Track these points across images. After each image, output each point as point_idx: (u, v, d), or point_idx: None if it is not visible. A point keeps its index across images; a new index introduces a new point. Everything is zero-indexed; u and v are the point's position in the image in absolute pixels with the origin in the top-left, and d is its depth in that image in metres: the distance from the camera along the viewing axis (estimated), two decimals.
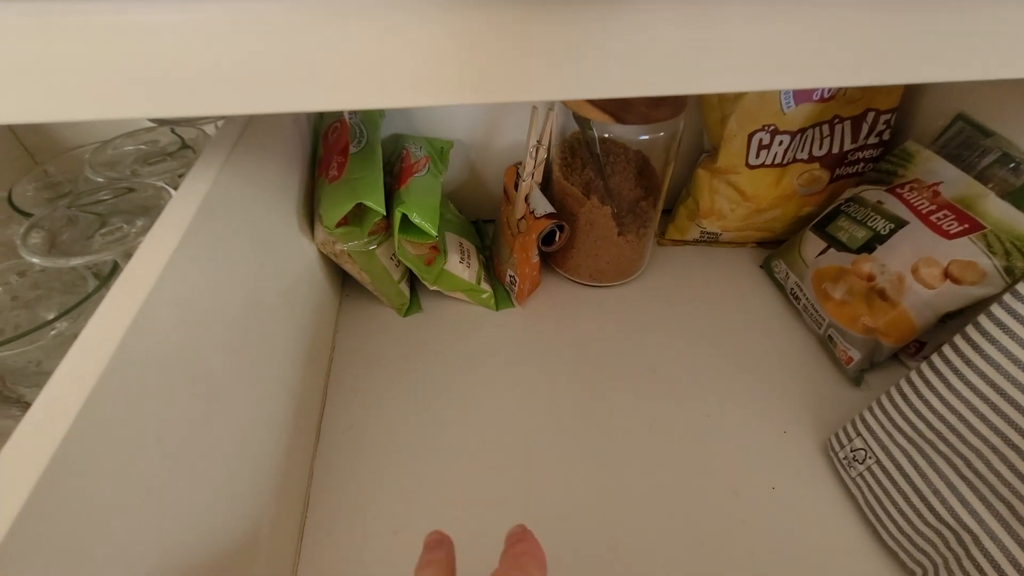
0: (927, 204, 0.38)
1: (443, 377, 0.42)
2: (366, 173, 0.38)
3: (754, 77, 0.20)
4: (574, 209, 0.45)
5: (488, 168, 0.53)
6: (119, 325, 0.19)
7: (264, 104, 0.19)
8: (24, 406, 0.29)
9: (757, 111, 0.43)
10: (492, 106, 0.48)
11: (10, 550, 0.14)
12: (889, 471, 0.31)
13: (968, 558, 0.27)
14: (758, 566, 0.31)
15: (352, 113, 0.42)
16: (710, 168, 0.48)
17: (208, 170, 0.27)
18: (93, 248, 0.28)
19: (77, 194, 0.31)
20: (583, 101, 0.38)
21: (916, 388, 0.30)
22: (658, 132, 0.40)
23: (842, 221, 0.43)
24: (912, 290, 0.36)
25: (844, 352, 0.40)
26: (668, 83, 0.19)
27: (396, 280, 0.44)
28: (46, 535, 0.15)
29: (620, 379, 0.42)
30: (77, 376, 0.17)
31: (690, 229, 0.52)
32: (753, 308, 0.48)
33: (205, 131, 0.38)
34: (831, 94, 0.43)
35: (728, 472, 0.36)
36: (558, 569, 0.31)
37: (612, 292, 0.49)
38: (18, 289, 0.30)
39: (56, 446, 0.15)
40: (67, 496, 0.16)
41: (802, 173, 0.46)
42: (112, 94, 0.18)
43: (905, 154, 0.42)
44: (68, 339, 0.27)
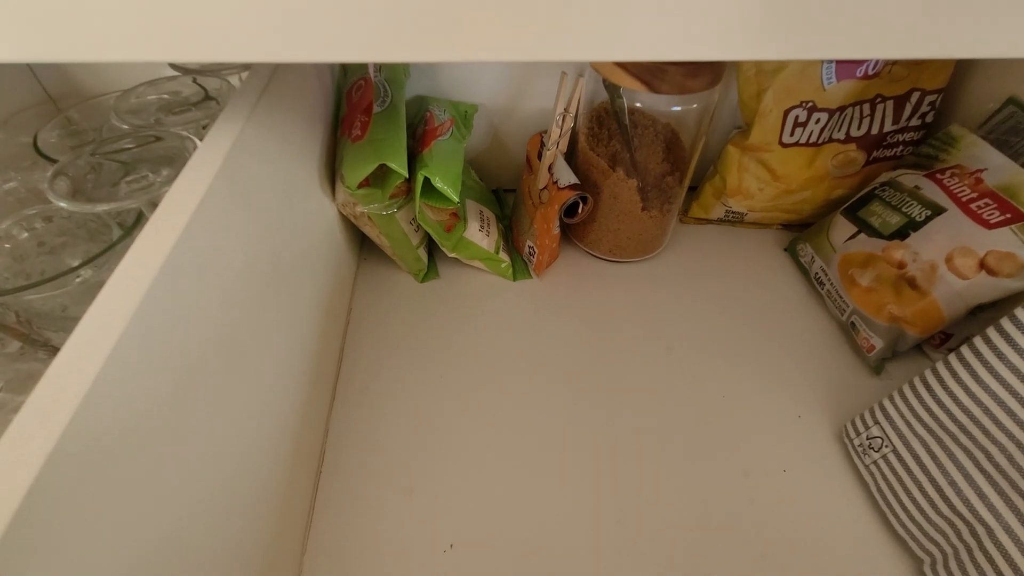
0: (968, 191, 0.37)
1: (457, 344, 0.42)
2: (390, 134, 0.37)
3: (804, 43, 0.19)
4: (598, 181, 0.44)
5: (511, 135, 0.52)
6: (147, 273, 0.19)
7: (292, 52, 0.18)
8: (51, 350, 0.29)
9: (796, 86, 0.42)
10: (519, 70, 0.47)
11: (47, 483, 0.14)
12: (905, 460, 0.31)
13: (980, 550, 0.27)
14: (764, 545, 0.32)
15: (377, 70, 0.41)
16: (741, 145, 0.46)
17: (234, 122, 0.26)
18: (118, 195, 0.28)
19: (101, 141, 0.31)
20: (615, 66, 0.37)
21: (941, 379, 0.29)
22: (691, 104, 0.39)
23: (875, 206, 0.42)
24: (944, 280, 0.35)
25: (866, 340, 0.40)
26: (709, 47, 0.18)
27: (415, 245, 0.44)
28: (78, 471, 0.15)
29: (635, 355, 0.42)
30: (106, 322, 0.17)
31: (715, 208, 0.51)
32: (775, 291, 0.47)
33: (229, 81, 0.37)
34: (876, 70, 0.41)
35: (740, 453, 0.36)
36: (564, 535, 0.32)
37: (631, 268, 0.49)
38: (44, 235, 0.30)
39: (88, 387, 0.15)
40: (98, 435, 0.16)
41: (837, 154, 0.45)
42: (138, 35, 0.18)
43: (949, 138, 0.40)
44: (92, 286, 0.28)
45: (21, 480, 0.14)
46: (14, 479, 0.14)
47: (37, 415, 0.15)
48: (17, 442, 0.14)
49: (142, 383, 0.18)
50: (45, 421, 0.15)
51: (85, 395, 0.15)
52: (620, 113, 0.40)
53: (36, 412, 0.15)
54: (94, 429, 0.16)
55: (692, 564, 0.31)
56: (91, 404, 0.15)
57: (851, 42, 0.19)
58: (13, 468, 0.14)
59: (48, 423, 0.15)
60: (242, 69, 0.39)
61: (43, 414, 0.15)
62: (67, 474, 0.15)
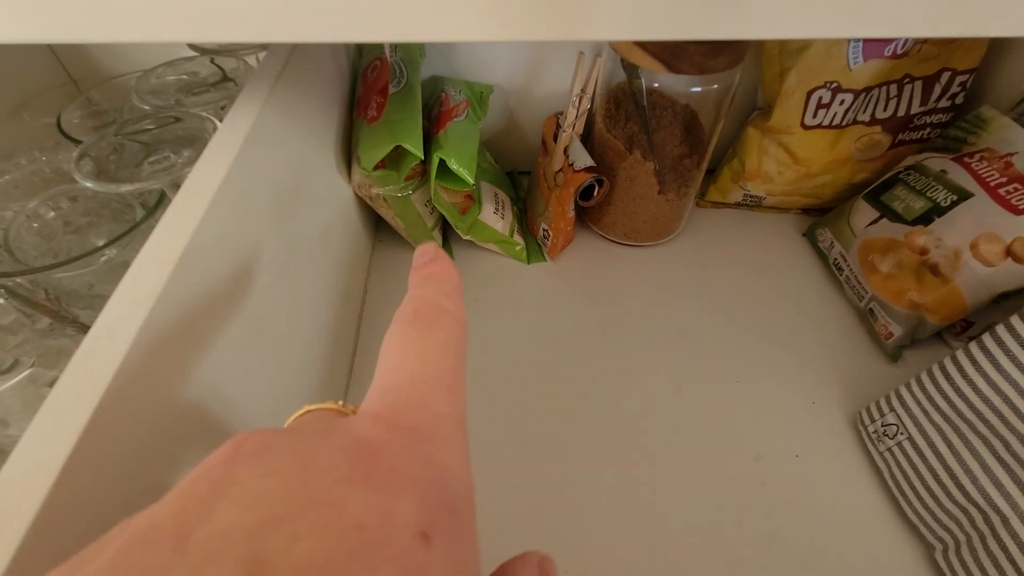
0: (997, 176, 0.36)
1: (471, 326, 0.42)
2: (405, 115, 0.37)
3: (832, 21, 0.18)
4: (614, 163, 0.43)
5: (526, 117, 0.51)
6: (172, 254, 0.19)
7: (309, 32, 0.18)
8: (79, 327, 0.30)
9: (820, 66, 0.40)
10: (535, 50, 0.46)
11: (77, 460, 0.14)
12: (920, 448, 0.31)
13: (994, 538, 0.27)
14: (775, 529, 0.32)
15: (393, 51, 0.40)
16: (761, 127, 0.45)
17: (252, 103, 0.26)
18: (141, 176, 0.28)
19: (123, 122, 0.32)
20: (633, 46, 0.36)
21: (961, 367, 0.29)
22: (711, 84, 0.38)
23: (899, 190, 0.41)
24: (968, 266, 0.35)
25: (884, 327, 0.39)
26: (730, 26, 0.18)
27: (430, 227, 0.44)
28: (108, 455, 0.16)
29: (649, 339, 0.42)
30: (135, 300, 0.18)
31: (733, 191, 0.50)
32: (792, 277, 0.46)
33: (247, 61, 0.37)
34: (905, 49, 0.39)
35: (752, 437, 0.36)
36: (576, 517, 0.33)
37: (647, 252, 0.48)
38: (70, 214, 0.31)
39: (118, 365, 0.16)
40: (129, 408, 0.16)
41: (861, 136, 0.43)
42: (158, 16, 0.18)
43: (979, 120, 0.39)
44: (117, 265, 0.28)
45: (60, 450, 0.14)
46: (54, 448, 0.14)
47: (71, 391, 0.16)
48: (55, 414, 0.15)
49: (168, 360, 0.19)
50: (81, 394, 0.15)
51: (115, 372, 0.16)
52: (638, 94, 0.39)
53: (70, 387, 0.16)
54: (125, 404, 0.16)
55: (702, 546, 0.31)
56: (121, 380, 0.16)
57: (880, 19, 0.18)
58: (51, 439, 0.14)
59: (81, 398, 0.15)
60: (259, 49, 0.39)
61: (76, 390, 0.15)
62: (97, 448, 0.15)
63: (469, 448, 0.13)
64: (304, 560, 0.08)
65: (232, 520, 0.09)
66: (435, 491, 0.11)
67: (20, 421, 0.27)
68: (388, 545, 0.09)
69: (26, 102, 0.41)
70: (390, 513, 0.10)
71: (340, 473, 0.10)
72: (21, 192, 0.33)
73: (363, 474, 0.10)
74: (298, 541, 0.09)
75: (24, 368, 0.28)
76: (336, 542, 0.09)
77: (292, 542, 0.09)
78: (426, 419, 0.12)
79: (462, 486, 0.12)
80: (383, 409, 0.12)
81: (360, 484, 0.10)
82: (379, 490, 0.10)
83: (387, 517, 0.10)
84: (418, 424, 0.12)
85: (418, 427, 0.12)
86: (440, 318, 0.15)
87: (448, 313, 0.15)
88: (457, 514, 0.11)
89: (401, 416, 0.12)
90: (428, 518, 0.10)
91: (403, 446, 0.11)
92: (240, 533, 0.09)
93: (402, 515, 0.10)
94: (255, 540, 0.09)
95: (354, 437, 0.11)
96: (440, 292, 0.15)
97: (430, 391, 0.13)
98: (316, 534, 0.09)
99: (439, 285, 0.16)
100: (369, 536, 0.09)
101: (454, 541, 0.10)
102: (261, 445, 0.11)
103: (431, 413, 0.13)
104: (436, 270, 0.16)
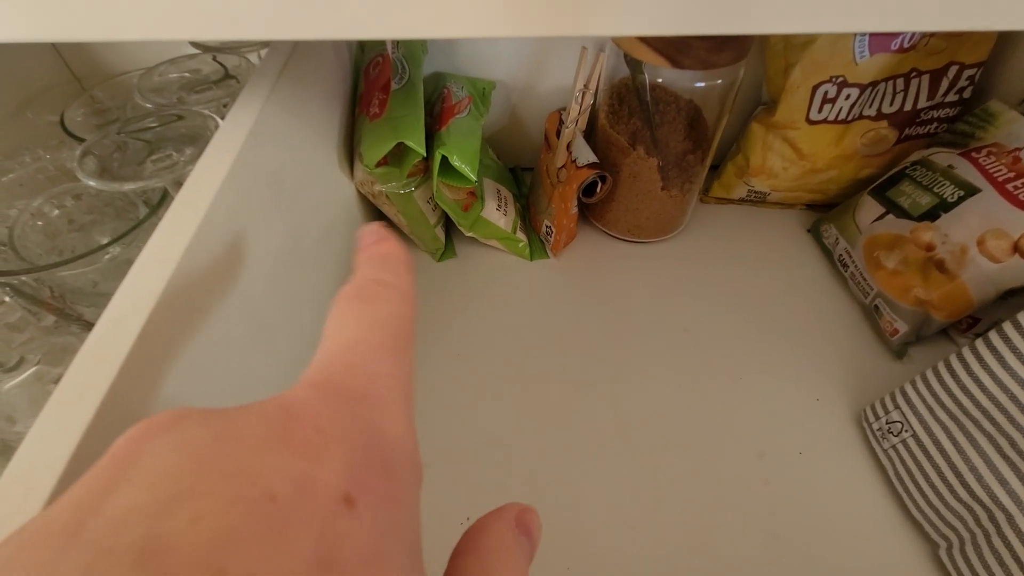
0: (1005, 171, 0.35)
1: (474, 322, 0.42)
2: (407, 112, 0.37)
3: (836, 15, 0.18)
4: (617, 160, 0.43)
5: (529, 112, 0.51)
6: (174, 252, 0.19)
7: (311, 29, 0.18)
8: (84, 324, 0.30)
9: (826, 60, 0.40)
10: (538, 46, 0.46)
11: (81, 457, 0.15)
12: (925, 445, 0.31)
13: (999, 535, 0.27)
14: (777, 526, 0.32)
15: (395, 47, 0.40)
16: (766, 122, 0.45)
17: (254, 100, 0.26)
18: (144, 175, 0.28)
19: (125, 120, 0.32)
20: (637, 41, 0.36)
21: (967, 364, 0.29)
22: (715, 80, 0.38)
23: (905, 186, 0.40)
24: (975, 263, 0.34)
25: (890, 324, 0.39)
26: (735, 21, 0.18)
27: (432, 224, 0.44)
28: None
29: (652, 336, 0.42)
30: (137, 298, 0.18)
31: (737, 187, 0.50)
32: (796, 273, 0.46)
33: (249, 59, 0.37)
34: (912, 43, 0.39)
35: (755, 434, 0.36)
36: (579, 512, 0.33)
37: (650, 248, 0.48)
38: (74, 212, 0.31)
39: (121, 362, 0.16)
40: (133, 405, 0.17)
41: (867, 131, 0.43)
42: (160, 14, 0.18)
43: (987, 115, 0.39)
44: (121, 263, 0.29)
45: (64, 447, 0.14)
46: (59, 445, 0.14)
47: (75, 388, 0.16)
48: (59, 410, 0.15)
49: (170, 357, 0.19)
50: (82, 393, 0.15)
51: (119, 369, 0.16)
52: (641, 89, 0.39)
53: (74, 385, 0.16)
54: (127, 401, 0.16)
55: (705, 543, 0.31)
56: (125, 377, 0.16)
57: (887, 13, 0.18)
58: (56, 435, 0.15)
59: (86, 397, 0.15)
60: (261, 46, 0.39)
61: (81, 386, 0.16)
62: (105, 443, 0.15)
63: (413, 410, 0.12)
64: (206, 539, 0.08)
65: (130, 502, 0.08)
66: (365, 451, 0.10)
67: (26, 418, 0.27)
68: (303, 513, 0.09)
69: (30, 100, 0.41)
70: (308, 478, 0.09)
71: (255, 440, 0.09)
72: (26, 190, 0.34)
73: (282, 439, 0.10)
74: (200, 519, 0.08)
75: (30, 365, 0.28)
76: (243, 516, 0.08)
77: (193, 521, 0.08)
78: (360, 379, 0.12)
79: (399, 447, 0.11)
80: (315, 375, 0.12)
81: (277, 450, 0.09)
82: (298, 455, 0.09)
83: (304, 483, 0.09)
84: (351, 383, 0.12)
85: (350, 386, 0.11)
86: (382, 291, 0.14)
87: (392, 287, 0.14)
88: (391, 476, 0.10)
89: (333, 378, 0.12)
90: (353, 480, 0.09)
91: (330, 407, 0.11)
92: (137, 516, 0.08)
93: (323, 479, 0.09)
94: (152, 522, 0.08)
95: (277, 403, 0.11)
96: (384, 269, 0.15)
97: (368, 353, 0.12)
98: (221, 510, 0.08)
99: (384, 263, 0.15)
100: (282, 506, 0.09)
101: (384, 504, 0.10)
102: (173, 419, 0.10)
103: (367, 373, 0.12)
104: (382, 249, 0.15)
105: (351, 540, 0.09)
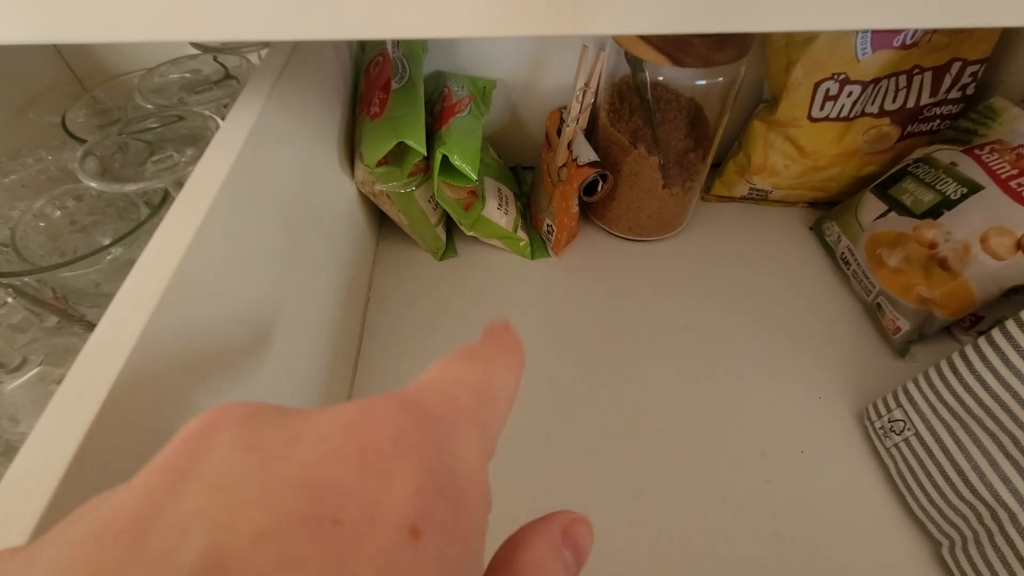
0: (1008, 168, 0.35)
1: (476, 322, 0.42)
2: (408, 111, 0.37)
3: (837, 13, 0.18)
4: (618, 158, 0.43)
5: (530, 111, 0.51)
6: (175, 253, 0.19)
7: (312, 30, 0.18)
8: (86, 325, 0.30)
9: (827, 58, 0.40)
10: (538, 44, 0.46)
11: (83, 457, 0.15)
12: (928, 444, 0.31)
13: (1002, 534, 0.26)
14: (779, 525, 0.32)
15: (395, 47, 0.40)
16: (767, 120, 0.45)
17: (254, 101, 0.26)
18: (145, 175, 0.28)
19: (127, 121, 0.32)
20: (637, 39, 0.36)
21: (970, 362, 0.29)
22: (716, 77, 0.38)
23: (908, 183, 0.40)
24: (977, 260, 0.34)
25: (892, 322, 0.39)
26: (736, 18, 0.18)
27: (433, 223, 0.44)
28: (113, 451, 0.16)
29: (654, 334, 0.41)
30: (139, 298, 0.18)
31: (738, 185, 0.49)
32: (798, 271, 0.46)
33: (249, 59, 0.37)
34: (914, 39, 0.39)
35: (757, 433, 0.36)
36: (581, 510, 0.33)
37: (651, 247, 0.48)
38: (75, 213, 0.31)
39: (123, 362, 0.16)
40: (134, 405, 0.17)
41: (869, 129, 0.43)
42: (161, 15, 0.18)
43: (990, 111, 0.39)
44: (123, 264, 0.29)
45: (66, 448, 0.14)
46: (61, 445, 0.14)
47: (77, 388, 0.16)
48: (61, 411, 0.15)
49: (172, 357, 0.19)
50: (84, 395, 0.15)
51: (121, 370, 0.16)
52: (642, 88, 0.39)
53: (76, 386, 0.16)
54: (128, 402, 0.16)
55: (706, 541, 0.31)
56: (126, 378, 0.16)
57: (889, 10, 0.18)
58: (59, 435, 0.15)
59: (87, 399, 0.15)
60: (261, 47, 0.39)
61: (83, 387, 0.16)
62: (102, 450, 0.15)
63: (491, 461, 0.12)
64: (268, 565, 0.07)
65: (195, 506, 0.08)
66: (436, 476, 0.10)
67: (30, 419, 0.27)
68: (367, 542, 0.08)
69: (32, 101, 0.41)
70: (376, 503, 0.09)
71: (330, 446, 0.09)
72: (28, 191, 0.34)
73: (358, 447, 0.09)
74: (263, 538, 0.08)
75: (33, 366, 0.28)
76: (307, 540, 0.08)
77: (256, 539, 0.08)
78: (447, 408, 0.11)
79: (472, 478, 0.11)
80: (402, 392, 0.11)
81: (350, 461, 0.09)
82: (369, 471, 0.09)
83: (372, 507, 0.09)
84: (436, 408, 0.11)
85: (435, 410, 0.11)
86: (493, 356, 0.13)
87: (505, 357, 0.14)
88: (460, 508, 0.10)
89: (421, 400, 0.11)
90: (422, 508, 0.09)
91: (410, 419, 0.10)
92: (201, 524, 0.08)
93: (391, 504, 0.09)
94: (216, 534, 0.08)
95: (357, 409, 0.10)
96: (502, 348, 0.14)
97: (463, 390, 0.12)
98: (285, 530, 0.08)
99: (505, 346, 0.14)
100: (346, 532, 0.08)
101: (450, 540, 0.09)
102: (248, 413, 0.10)
103: (455, 405, 0.11)
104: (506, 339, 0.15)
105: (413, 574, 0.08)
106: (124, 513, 0.08)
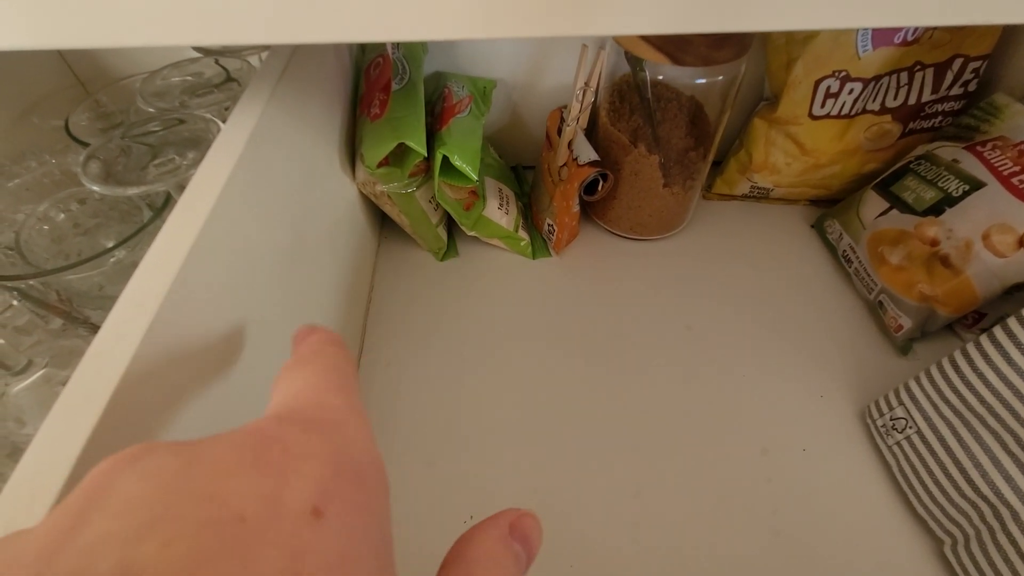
0: (1010, 165, 0.35)
1: (477, 321, 0.42)
2: (408, 112, 0.37)
3: (836, 11, 0.18)
4: (619, 157, 0.43)
5: (530, 111, 0.51)
6: (178, 255, 0.19)
7: (312, 33, 0.18)
8: (91, 327, 0.30)
9: (828, 55, 0.40)
10: (538, 44, 0.46)
11: (88, 459, 0.15)
12: (930, 442, 0.31)
13: (1004, 532, 0.26)
14: (780, 523, 0.32)
15: (395, 48, 0.40)
16: (768, 118, 0.45)
17: (255, 103, 0.27)
18: (148, 179, 0.29)
19: (129, 124, 0.32)
20: (637, 39, 0.36)
21: (972, 360, 0.29)
22: (716, 76, 0.38)
23: (909, 180, 0.40)
24: (980, 258, 0.34)
25: (894, 320, 0.39)
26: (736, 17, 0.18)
27: (434, 224, 0.44)
28: (118, 448, 0.16)
29: (656, 333, 0.42)
30: (142, 300, 0.18)
31: (739, 183, 0.49)
32: (800, 269, 0.46)
33: (250, 62, 0.37)
34: (915, 36, 0.39)
35: (759, 431, 0.36)
36: (582, 508, 0.33)
37: (653, 246, 0.48)
38: (79, 216, 0.31)
39: (127, 364, 0.16)
40: (138, 407, 0.17)
41: (871, 126, 0.43)
42: (163, 19, 0.18)
43: (992, 108, 0.38)
44: (126, 266, 0.29)
45: (71, 449, 0.15)
46: (65, 447, 0.15)
47: (81, 390, 0.16)
48: (65, 413, 0.15)
49: (175, 359, 0.19)
50: (89, 395, 0.16)
51: (124, 371, 0.16)
52: (642, 87, 0.39)
53: (80, 388, 0.16)
54: (133, 403, 0.17)
55: (707, 539, 0.31)
56: (130, 379, 0.16)
57: (889, 8, 0.18)
58: (64, 437, 0.15)
59: (93, 398, 0.16)
60: (262, 49, 0.39)
61: (87, 389, 0.16)
62: (111, 444, 0.16)
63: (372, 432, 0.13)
64: (177, 562, 0.08)
65: (102, 531, 0.08)
66: (335, 461, 0.11)
67: (35, 420, 0.27)
68: (271, 530, 0.09)
69: (35, 105, 0.42)
70: (277, 497, 0.09)
71: (225, 466, 0.10)
72: (32, 195, 0.34)
73: (252, 461, 0.10)
74: (171, 544, 0.08)
75: (38, 368, 0.29)
76: (213, 538, 0.08)
77: (164, 546, 0.08)
78: (317, 411, 0.13)
79: (367, 460, 0.12)
80: (275, 411, 0.13)
81: (247, 472, 0.10)
82: (268, 474, 0.10)
83: (273, 501, 0.09)
84: (310, 415, 0.12)
85: (310, 417, 0.12)
86: (318, 349, 0.16)
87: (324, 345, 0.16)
88: (361, 485, 0.11)
89: (294, 412, 0.12)
90: (321, 492, 0.10)
91: (296, 429, 0.11)
92: (111, 543, 0.08)
93: (292, 495, 0.10)
94: (125, 549, 0.08)
95: (245, 431, 0.11)
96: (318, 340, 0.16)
97: (319, 393, 0.13)
98: (192, 533, 0.08)
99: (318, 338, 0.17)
100: (251, 525, 0.09)
101: (353, 511, 0.10)
102: (141, 451, 0.10)
103: (322, 406, 0.13)
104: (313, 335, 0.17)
105: (318, 547, 0.09)
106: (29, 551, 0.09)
